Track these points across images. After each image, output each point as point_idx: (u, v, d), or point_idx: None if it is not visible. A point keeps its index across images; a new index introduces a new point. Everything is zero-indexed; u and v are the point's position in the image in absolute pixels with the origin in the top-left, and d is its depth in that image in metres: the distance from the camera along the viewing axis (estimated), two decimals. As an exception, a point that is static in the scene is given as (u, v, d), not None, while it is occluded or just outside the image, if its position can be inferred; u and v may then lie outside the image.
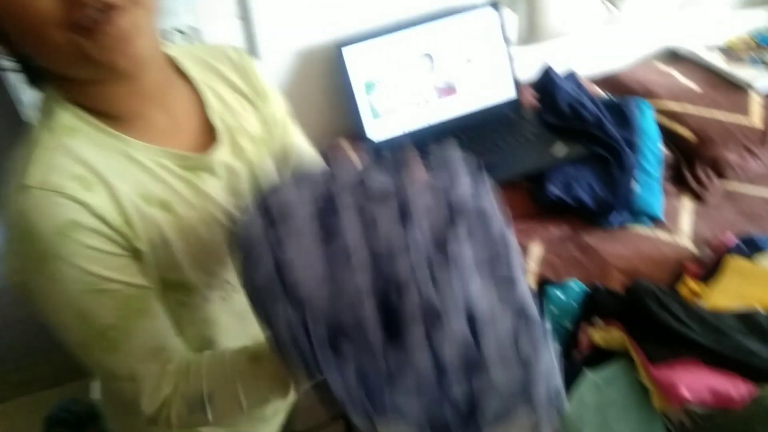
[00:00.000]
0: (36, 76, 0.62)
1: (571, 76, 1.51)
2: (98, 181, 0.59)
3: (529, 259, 1.25)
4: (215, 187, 0.68)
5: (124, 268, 0.60)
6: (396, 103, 1.45)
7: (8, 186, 0.58)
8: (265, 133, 0.76)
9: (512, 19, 1.57)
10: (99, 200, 0.58)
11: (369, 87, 1.43)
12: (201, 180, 0.67)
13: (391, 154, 0.58)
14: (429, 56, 1.46)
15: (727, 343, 0.80)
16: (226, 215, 0.69)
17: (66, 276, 0.57)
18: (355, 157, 1.38)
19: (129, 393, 0.64)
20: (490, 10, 1.48)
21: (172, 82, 0.68)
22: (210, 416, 0.64)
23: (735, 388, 0.76)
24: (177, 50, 0.71)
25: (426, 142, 1.41)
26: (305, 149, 0.84)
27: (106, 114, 0.61)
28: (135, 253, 0.62)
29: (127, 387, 0.64)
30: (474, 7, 1.48)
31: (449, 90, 1.49)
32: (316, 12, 1.41)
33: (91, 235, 0.57)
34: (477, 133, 1.46)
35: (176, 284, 0.66)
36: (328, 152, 1.47)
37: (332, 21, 1.43)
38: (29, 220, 0.56)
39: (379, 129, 1.45)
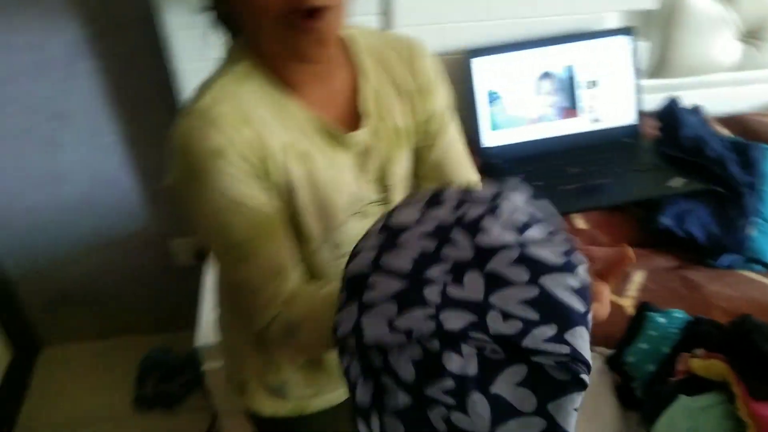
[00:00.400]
0: (227, 21, 0.73)
1: (696, 111, 1.49)
2: (252, 123, 0.68)
3: (630, 285, 1.26)
4: (346, 160, 0.76)
5: (256, 197, 0.69)
6: (515, 116, 1.48)
7: (182, 107, 0.69)
8: (412, 127, 0.81)
9: (644, 49, 1.58)
10: (247, 137, 0.67)
11: (492, 97, 1.48)
12: (336, 151, 0.75)
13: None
14: (555, 75, 1.49)
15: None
16: (348, 186, 0.77)
17: (210, 193, 0.67)
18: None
19: (246, 304, 0.73)
20: (624, 37, 1.50)
21: (339, 62, 0.76)
22: (296, 342, 0.72)
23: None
24: (358, 32, 0.78)
25: (539, 154, 1.46)
26: (456, 147, 0.87)
27: (279, 76, 0.71)
28: (269, 187, 0.70)
29: (248, 298, 0.72)
30: (607, 33, 1.50)
31: (570, 110, 1.52)
32: (452, 22, 1.47)
33: (232, 164, 0.66)
34: (592, 154, 1.48)
35: (295, 229, 0.74)
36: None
37: (465, 32, 1.49)
38: (188, 140, 0.66)
39: (496, 138, 1.49)
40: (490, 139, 1.49)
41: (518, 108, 1.48)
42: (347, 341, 0.51)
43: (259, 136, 0.68)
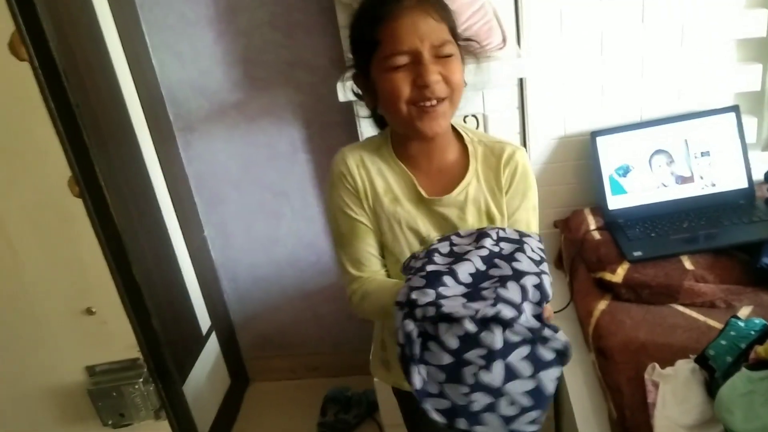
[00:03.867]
0: (380, 122, 1.18)
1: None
2: (370, 168, 1.10)
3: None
4: (425, 215, 1.10)
5: (356, 211, 1.10)
6: (636, 186, 1.77)
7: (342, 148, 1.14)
8: (492, 213, 1.10)
9: (752, 124, 1.80)
10: (358, 175, 1.10)
11: (616, 169, 1.79)
12: (419, 206, 1.10)
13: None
14: (666, 150, 1.77)
15: None
16: (419, 230, 1.11)
17: (335, 197, 1.11)
18: (592, 222, 1.73)
19: (342, 276, 1.15)
20: (731, 114, 1.75)
21: (449, 148, 1.10)
22: (366, 306, 1.10)
23: None
24: (474, 133, 1.13)
25: (658, 214, 1.71)
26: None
27: (401, 149, 1.10)
28: (367, 210, 1.11)
29: (342, 272, 1.15)
30: (716, 111, 1.76)
31: (687, 179, 1.77)
32: (577, 106, 1.84)
33: (345, 184, 1.10)
34: (705, 213, 1.70)
35: (383, 243, 1.13)
36: (571, 216, 1.86)
37: (590, 114, 1.84)
38: (332, 165, 1.12)
39: (617, 202, 1.78)
40: (613, 202, 1.79)
41: (638, 179, 1.77)
42: (417, 311, 0.82)
43: (370, 177, 1.09)
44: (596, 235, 1.72)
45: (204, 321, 2.30)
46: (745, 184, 1.74)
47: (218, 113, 2.13)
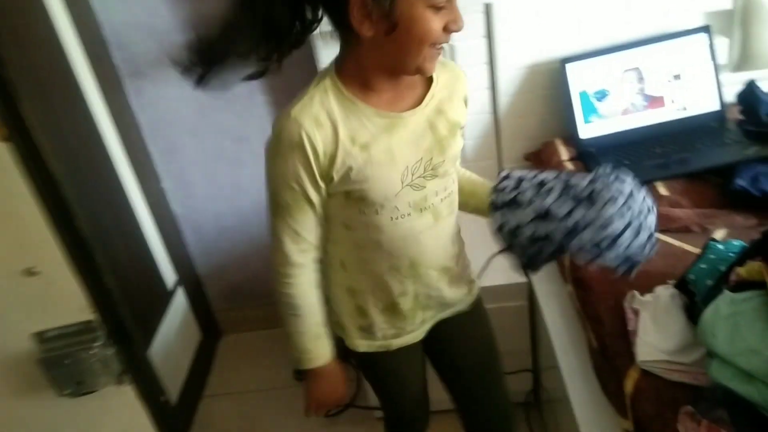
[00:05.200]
0: (344, 39, 0.97)
1: (777, 92, 1.64)
2: (328, 124, 0.95)
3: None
4: (404, 140, 1.00)
5: (306, 184, 0.98)
6: (606, 111, 1.73)
7: (284, 109, 0.97)
8: (456, 123, 1.07)
9: (724, 45, 1.76)
10: (320, 136, 0.94)
11: (584, 96, 1.74)
12: (396, 133, 0.99)
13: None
14: (639, 71, 1.72)
15: None
16: (403, 160, 1.01)
17: (280, 167, 0.97)
18: (564, 152, 1.70)
19: (275, 250, 1.07)
20: (702, 35, 1.70)
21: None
22: (286, 315, 1.12)
23: None
24: None
25: (629, 142, 1.68)
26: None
27: (360, 83, 0.97)
28: (327, 179, 0.99)
29: (275, 245, 1.06)
30: (686, 32, 1.71)
31: (657, 101, 1.73)
32: (545, 33, 1.77)
33: (302, 155, 0.95)
34: (678, 138, 1.67)
35: (359, 197, 1.02)
36: (542, 148, 1.83)
37: (558, 41, 1.77)
38: (281, 132, 0.95)
39: (589, 130, 1.74)
40: (584, 131, 1.74)
41: (608, 103, 1.73)
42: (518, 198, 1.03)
43: (333, 132, 0.95)
44: (569, 166, 1.68)
45: (169, 275, 2.22)
46: (716, 107, 1.72)
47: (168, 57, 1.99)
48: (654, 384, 1.13)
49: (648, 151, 1.64)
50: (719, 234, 1.46)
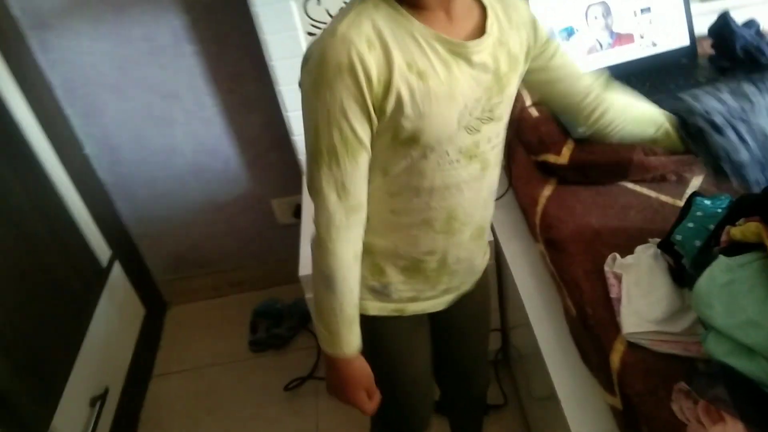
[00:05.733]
0: None
1: (752, 23, 1.53)
2: (380, 45, 0.80)
3: (688, 189, 1.34)
4: (465, 74, 0.88)
5: (358, 121, 0.83)
6: (573, 49, 1.58)
7: (326, 28, 0.83)
8: (524, 56, 0.95)
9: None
10: (374, 59, 0.79)
11: (560, 32, 1.58)
12: (457, 65, 0.87)
13: None
14: (606, 5, 1.57)
15: None
16: (462, 98, 0.87)
17: (323, 99, 0.80)
18: (527, 96, 1.54)
19: (319, 204, 0.89)
20: (671, -39, 1.55)
21: None
22: (328, 295, 0.94)
23: None
24: None
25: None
26: (570, 65, 1.06)
27: (408, 2, 0.82)
28: (379, 112, 0.83)
29: (314, 197, 0.89)
30: (654, -41, 1.56)
31: (625, 38, 1.59)
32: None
33: (354, 82, 0.79)
34: (649, 76, 1.55)
35: (408, 137, 0.88)
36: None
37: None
38: (325, 54, 0.79)
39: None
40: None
41: (574, 42, 1.58)
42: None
43: (386, 55, 0.80)
44: (534, 112, 1.55)
45: (102, 251, 2.02)
46: (687, 42, 1.59)
47: (77, 4, 1.73)
48: (642, 357, 1.04)
49: (618, 94, 1.51)
50: (695, 182, 1.37)
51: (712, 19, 1.55)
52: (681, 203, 1.30)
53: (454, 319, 1.23)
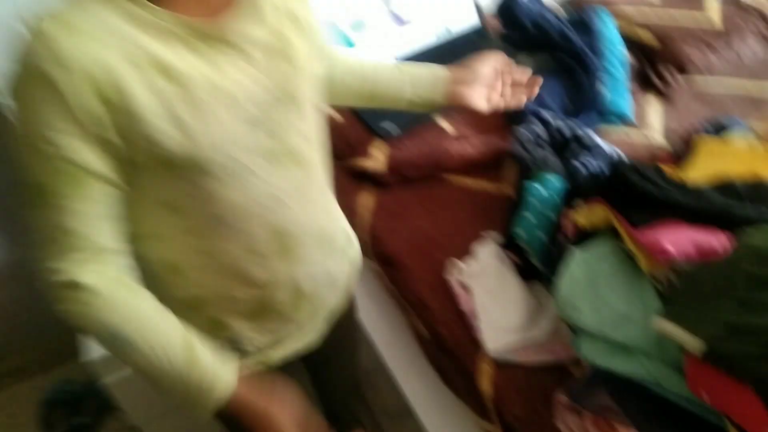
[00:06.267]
0: None
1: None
2: (113, 44, 0.60)
3: (507, 170, 1.27)
4: (233, 60, 0.67)
5: (78, 146, 0.61)
6: (364, 45, 1.43)
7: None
8: (310, 18, 0.76)
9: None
10: (101, 64, 0.59)
11: (336, 32, 1.41)
12: (222, 53, 0.66)
13: None
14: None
15: (706, 201, 0.82)
16: (241, 91, 0.67)
17: (25, 118, 0.61)
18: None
19: (44, 257, 0.66)
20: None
21: None
22: (127, 357, 0.68)
23: (717, 239, 0.78)
24: None
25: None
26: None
27: None
28: (119, 132, 0.62)
29: (38, 251, 0.67)
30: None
31: (410, 23, 1.48)
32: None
33: (71, 93, 0.59)
34: (447, 63, 1.45)
35: (181, 156, 0.65)
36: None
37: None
38: (25, 60, 0.59)
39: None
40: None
41: (365, 36, 1.43)
42: None
43: (122, 55, 0.60)
44: (336, 115, 1.37)
45: None
46: (475, 21, 1.53)
47: None
48: (513, 375, 0.93)
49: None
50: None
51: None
52: (507, 189, 1.22)
53: (326, 346, 0.98)
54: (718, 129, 1.16)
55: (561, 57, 1.35)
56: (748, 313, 0.66)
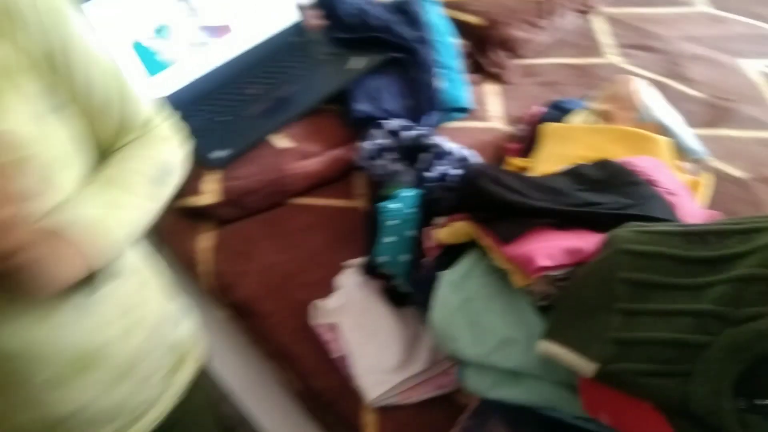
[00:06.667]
0: None
1: (349, -15, 1.41)
2: None
3: (357, 182, 1.17)
4: None
5: None
6: (165, 57, 1.25)
7: None
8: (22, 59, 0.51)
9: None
10: None
11: (155, 31, 1.22)
12: None
13: None
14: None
15: (567, 201, 0.77)
16: None
17: None
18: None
19: None
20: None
21: None
22: None
23: (586, 242, 0.73)
24: None
25: (211, 88, 1.26)
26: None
27: None
28: None
29: None
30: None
31: (222, 29, 1.32)
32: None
33: None
34: (267, 67, 1.32)
35: None
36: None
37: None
38: None
39: (162, 87, 1.24)
40: (156, 88, 1.24)
41: (163, 46, 1.24)
42: None
43: None
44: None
45: None
46: (293, 17, 1.40)
47: None
48: (401, 421, 0.84)
49: (240, 97, 1.25)
50: (361, 183, 1.20)
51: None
52: (360, 202, 1.13)
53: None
54: (560, 112, 1.15)
55: (391, 54, 1.27)
56: (633, 325, 0.61)
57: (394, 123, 1.12)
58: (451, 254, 0.83)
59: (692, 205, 0.87)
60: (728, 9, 1.56)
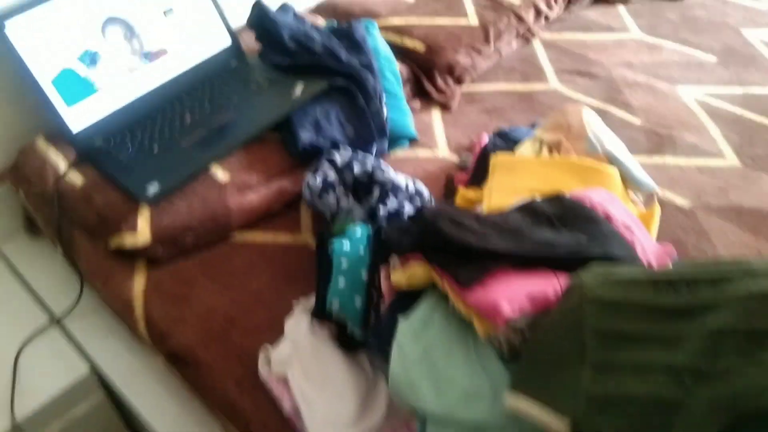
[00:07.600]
0: None
1: (286, 8, 1.36)
2: None
3: (302, 215, 1.11)
4: None
5: None
6: (94, 81, 1.16)
7: None
8: None
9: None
10: None
11: (80, 57, 1.13)
12: None
13: None
14: (126, 18, 1.19)
15: (526, 242, 0.75)
16: None
17: None
18: (59, 159, 1.09)
19: None
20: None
21: None
22: None
23: (550, 285, 0.71)
24: None
25: (142, 115, 1.18)
26: None
27: None
28: None
29: None
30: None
31: (156, 53, 1.24)
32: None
33: None
34: (203, 92, 1.24)
35: None
36: (21, 160, 1.16)
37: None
38: None
39: (82, 117, 1.15)
40: (75, 120, 1.15)
41: (92, 70, 1.15)
42: None
43: None
44: (76, 180, 1.09)
45: None
46: (228, 41, 1.33)
47: None
48: (359, 478, 0.78)
49: (176, 125, 1.17)
50: (307, 218, 1.15)
51: (246, 11, 1.32)
52: (306, 237, 1.07)
53: None
54: (505, 140, 1.13)
55: (335, 81, 1.22)
56: (605, 379, 0.59)
57: (341, 155, 1.07)
58: (409, 296, 0.79)
59: (647, 239, 0.87)
60: (659, 35, 1.60)
